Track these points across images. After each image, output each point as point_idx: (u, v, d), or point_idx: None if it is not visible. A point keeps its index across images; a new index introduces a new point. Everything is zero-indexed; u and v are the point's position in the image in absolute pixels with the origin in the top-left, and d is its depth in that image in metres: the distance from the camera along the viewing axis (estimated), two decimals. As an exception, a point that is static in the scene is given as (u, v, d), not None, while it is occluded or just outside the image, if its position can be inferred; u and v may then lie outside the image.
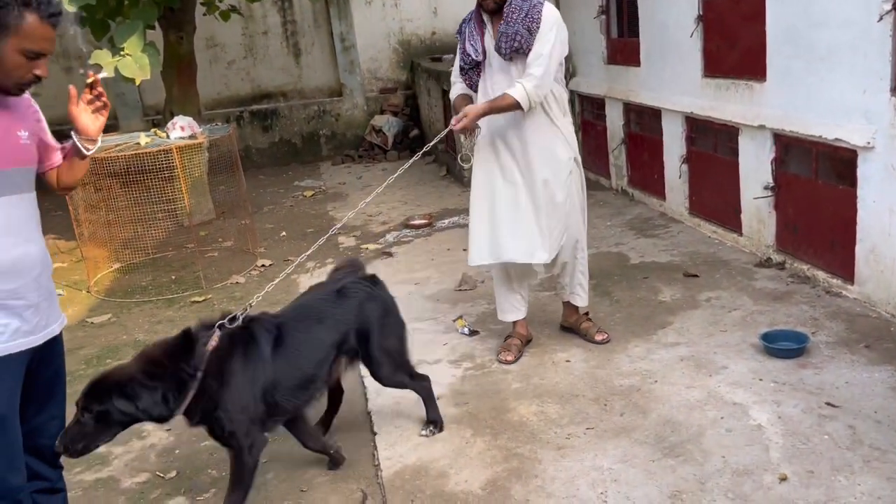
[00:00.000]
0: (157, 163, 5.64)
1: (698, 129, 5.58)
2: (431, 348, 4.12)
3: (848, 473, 2.71)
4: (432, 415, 3.31)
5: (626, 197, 6.83)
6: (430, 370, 3.86)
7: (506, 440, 3.17)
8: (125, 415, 2.47)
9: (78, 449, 2.42)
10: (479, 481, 2.92)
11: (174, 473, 3.27)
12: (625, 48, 6.57)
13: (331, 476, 3.10)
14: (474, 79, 3.72)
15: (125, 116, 10.11)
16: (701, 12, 5.26)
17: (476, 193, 3.81)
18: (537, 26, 3.48)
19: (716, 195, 5.40)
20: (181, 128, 5.96)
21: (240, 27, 10.41)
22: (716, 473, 2.79)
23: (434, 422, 3.30)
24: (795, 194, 4.55)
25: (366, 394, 3.67)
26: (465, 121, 3.52)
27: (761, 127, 4.68)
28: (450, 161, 8.62)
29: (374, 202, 4.04)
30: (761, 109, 4.68)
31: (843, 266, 4.18)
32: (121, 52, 5.96)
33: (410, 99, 10.90)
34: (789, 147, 4.57)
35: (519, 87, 3.49)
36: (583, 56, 7.38)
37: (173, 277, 6.00)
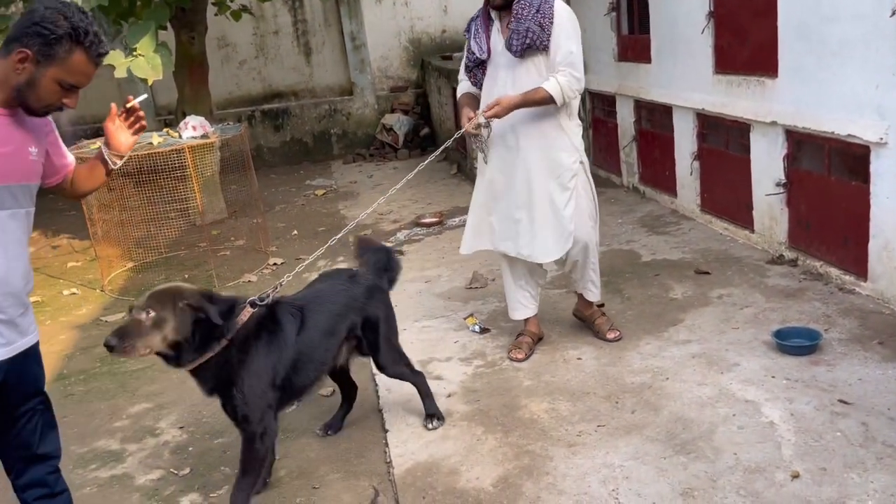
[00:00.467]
0: (169, 162, 5.67)
1: (709, 125, 5.56)
2: (443, 346, 4.13)
3: (861, 471, 2.70)
4: (431, 408, 3.37)
5: (637, 194, 6.81)
6: (442, 367, 3.88)
7: (517, 437, 3.18)
8: (168, 326, 2.54)
9: (124, 347, 2.48)
10: (490, 478, 2.93)
11: (188, 470, 3.29)
12: (635, 45, 6.55)
13: (343, 473, 3.12)
14: (479, 77, 3.71)
15: (138, 117, 10.17)
16: (712, 8, 5.23)
17: (478, 189, 3.86)
18: (550, 22, 3.45)
19: (727, 192, 5.38)
20: (193, 127, 6.00)
21: (251, 27, 10.45)
22: (727, 470, 2.79)
23: (434, 415, 3.35)
24: (808, 191, 4.52)
25: (377, 391, 3.69)
26: (498, 108, 3.48)
27: (773, 123, 4.65)
28: (460, 159, 8.62)
29: (385, 201, 4.06)
30: (773, 105, 4.66)
31: (856, 262, 4.16)
32: (133, 53, 6.00)
33: (421, 97, 10.91)
34: (801, 143, 4.55)
35: (553, 81, 3.45)
36: (593, 53, 7.35)
37: (186, 276, 6.04)
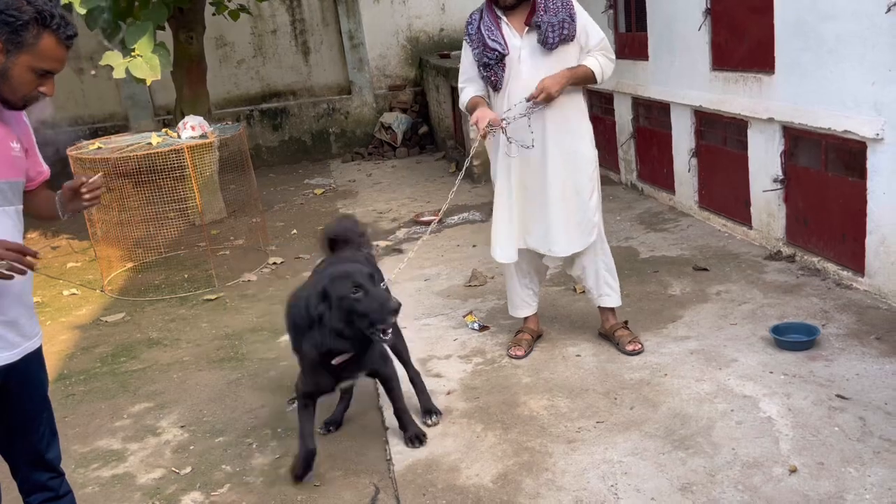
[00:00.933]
0: (168, 162, 5.68)
1: (707, 122, 5.57)
2: (442, 344, 4.15)
3: (858, 465, 2.71)
4: (427, 404, 3.40)
5: (635, 191, 6.83)
6: (441, 365, 3.90)
7: (516, 434, 3.19)
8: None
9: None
10: (490, 475, 2.94)
11: (189, 469, 3.31)
12: (633, 42, 6.56)
13: (343, 471, 3.13)
14: (500, 74, 3.57)
15: (136, 117, 10.18)
16: (709, 5, 5.25)
17: (500, 192, 3.74)
18: (574, 11, 3.49)
19: (725, 188, 5.40)
20: (192, 127, 6.01)
21: (249, 26, 10.45)
22: (726, 465, 2.80)
23: (430, 410, 3.38)
24: (805, 187, 4.54)
25: (377, 389, 3.70)
26: (551, 88, 3.40)
27: (770, 120, 4.67)
28: (459, 157, 8.63)
29: (383, 199, 4.07)
30: (770, 102, 4.67)
31: (854, 258, 4.17)
32: (131, 53, 6.01)
33: (419, 96, 10.91)
34: (798, 139, 4.57)
35: (593, 59, 3.46)
36: (591, 51, 7.36)
37: (186, 276, 6.05)
